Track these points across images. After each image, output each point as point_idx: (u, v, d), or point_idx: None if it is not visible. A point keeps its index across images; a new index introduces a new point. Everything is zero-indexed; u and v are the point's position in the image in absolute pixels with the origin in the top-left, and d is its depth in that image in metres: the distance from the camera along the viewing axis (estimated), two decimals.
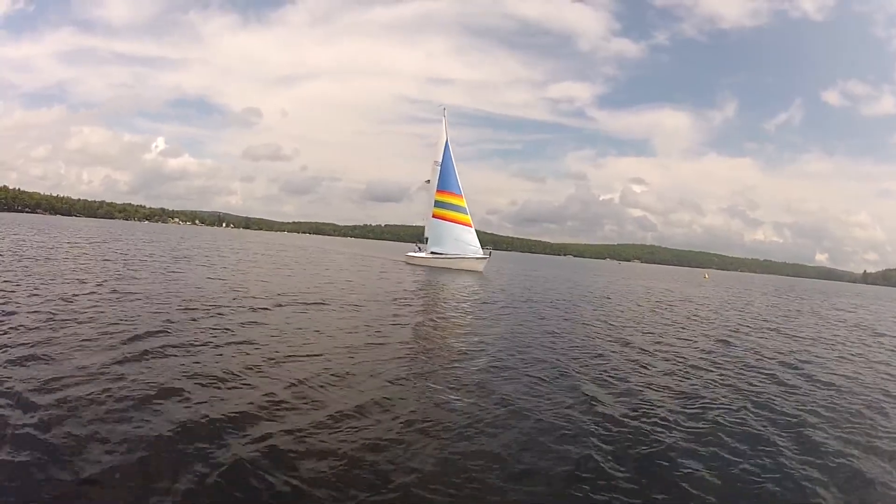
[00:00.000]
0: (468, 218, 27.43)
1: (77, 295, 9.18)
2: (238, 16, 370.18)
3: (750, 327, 12.92)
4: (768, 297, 30.35)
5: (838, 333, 13.14)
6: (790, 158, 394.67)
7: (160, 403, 4.28)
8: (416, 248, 30.73)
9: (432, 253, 28.04)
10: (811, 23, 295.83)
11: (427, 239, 28.95)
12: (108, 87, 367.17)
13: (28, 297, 8.48)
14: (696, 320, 13.67)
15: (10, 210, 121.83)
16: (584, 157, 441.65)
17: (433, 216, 27.91)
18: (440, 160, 28.36)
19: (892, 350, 10.83)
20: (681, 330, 11.40)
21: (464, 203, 27.39)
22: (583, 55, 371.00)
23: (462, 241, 27.30)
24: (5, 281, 9.98)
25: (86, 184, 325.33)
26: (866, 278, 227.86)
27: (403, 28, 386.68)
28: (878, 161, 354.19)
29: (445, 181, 27.87)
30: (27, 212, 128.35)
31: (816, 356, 9.08)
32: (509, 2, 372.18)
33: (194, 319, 7.80)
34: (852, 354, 9.66)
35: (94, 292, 9.69)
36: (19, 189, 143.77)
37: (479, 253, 27.21)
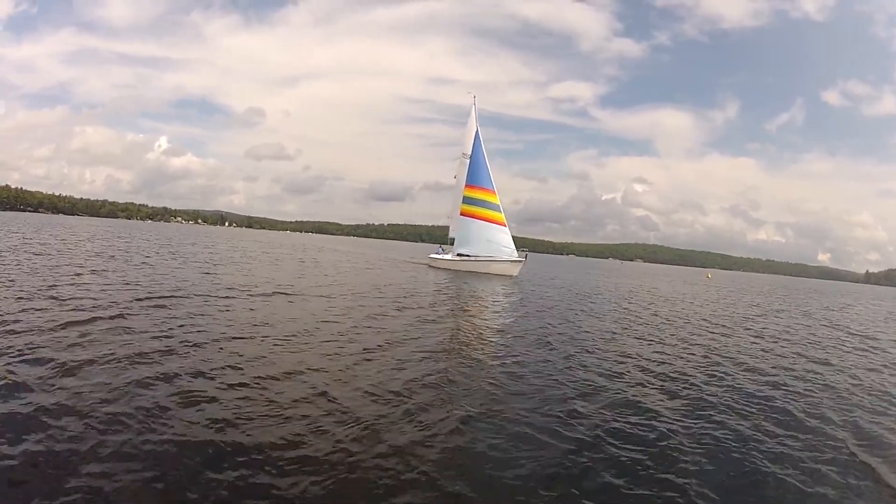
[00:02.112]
0: (502, 216, 24.84)
1: (64, 287, 9.51)
2: (240, 16, 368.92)
3: (746, 329, 12.70)
4: (766, 297, 29.93)
5: (817, 333, 12.99)
6: (792, 158, 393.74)
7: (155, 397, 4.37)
8: (439, 250, 28.67)
9: (459, 255, 25.72)
10: (812, 23, 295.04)
11: (453, 240, 26.68)
12: (110, 88, 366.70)
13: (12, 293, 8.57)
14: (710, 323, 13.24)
15: (12, 209, 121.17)
16: (586, 157, 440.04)
17: (461, 214, 25.41)
18: (469, 152, 25.98)
19: (865, 350, 10.58)
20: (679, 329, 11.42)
21: (497, 199, 24.81)
22: (584, 55, 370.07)
23: (494, 243, 24.68)
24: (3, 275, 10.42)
25: (88, 183, 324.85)
26: (869, 278, 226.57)
27: (405, 28, 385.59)
28: (879, 161, 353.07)
29: (476, 175, 25.37)
30: (29, 211, 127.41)
31: (786, 355, 9.10)
32: (511, 2, 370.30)
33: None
34: (820, 355, 9.39)
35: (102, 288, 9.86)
36: (21, 188, 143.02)
37: (514, 255, 24.60)
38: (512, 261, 24.34)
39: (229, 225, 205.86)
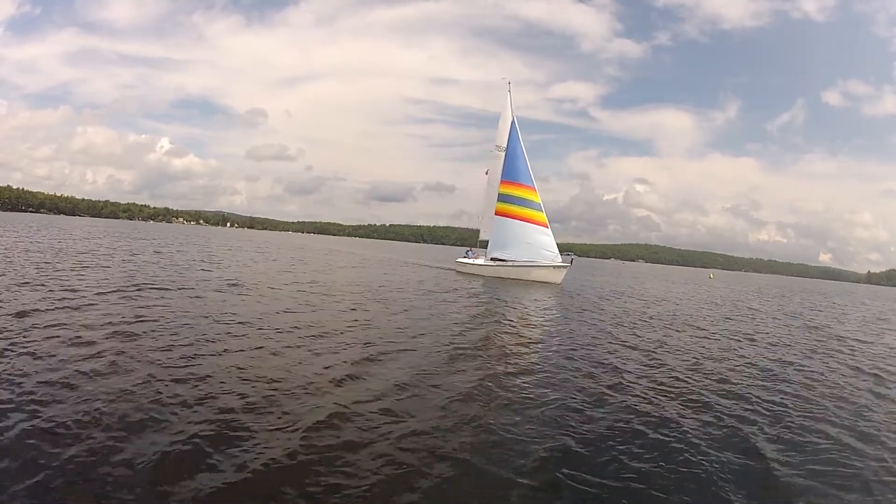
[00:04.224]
0: (544, 216, 22.30)
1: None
2: (242, 17, 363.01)
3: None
4: (759, 298, 28.76)
5: (794, 335, 12.45)
6: (793, 159, 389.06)
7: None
8: (467, 254, 25.83)
9: (493, 259, 23.21)
10: (812, 23, 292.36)
11: (484, 242, 24.16)
12: (112, 88, 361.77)
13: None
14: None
15: (14, 210, 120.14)
16: (587, 158, 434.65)
17: (496, 213, 22.98)
18: (504, 144, 23.36)
19: (835, 352, 9.93)
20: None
21: (538, 198, 22.19)
22: (585, 56, 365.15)
23: (535, 245, 22.04)
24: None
25: (90, 184, 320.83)
26: (870, 278, 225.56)
27: (406, 29, 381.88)
28: (881, 161, 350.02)
29: (513, 170, 22.66)
30: (31, 211, 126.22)
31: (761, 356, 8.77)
32: (511, 3, 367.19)
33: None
34: (786, 356, 8.93)
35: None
36: (23, 189, 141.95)
37: (558, 260, 22.01)
38: (555, 266, 21.90)
39: (231, 225, 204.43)
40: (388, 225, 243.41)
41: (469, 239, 26.92)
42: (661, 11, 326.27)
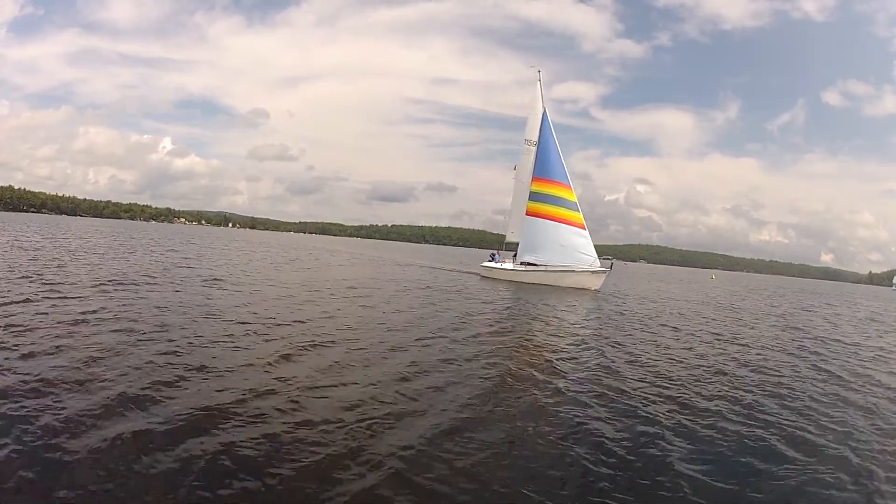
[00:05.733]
0: (580, 216, 20.69)
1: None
2: (243, 17, 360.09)
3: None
4: (757, 298, 28.52)
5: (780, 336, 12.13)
6: (793, 159, 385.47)
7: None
8: (493, 257, 24.06)
9: (524, 264, 21.46)
10: (812, 23, 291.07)
11: (511, 245, 22.63)
12: (114, 88, 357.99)
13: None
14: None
15: (15, 210, 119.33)
16: (588, 158, 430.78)
17: (527, 213, 21.36)
18: (534, 138, 21.71)
19: (812, 353, 9.50)
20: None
21: (573, 196, 20.67)
22: (586, 56, 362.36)
23: (571, 248, 20.47)
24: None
25: (91, 183, 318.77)
26: (871, 279, 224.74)
27: (406, 29, 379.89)
28: (881, 161, 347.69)
29: (545, 166, 21.09)
30: (32, 211, 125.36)
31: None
32: (511, 3, 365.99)
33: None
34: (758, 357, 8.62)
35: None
36: (24, 189, 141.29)
37: (596, 264, 20.49)
38: (593, 271, 20.30)
39: (233, 226, 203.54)
40: (389, 225, 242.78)
41: (470, 239, 25.66)
42: (662, 11, 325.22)
